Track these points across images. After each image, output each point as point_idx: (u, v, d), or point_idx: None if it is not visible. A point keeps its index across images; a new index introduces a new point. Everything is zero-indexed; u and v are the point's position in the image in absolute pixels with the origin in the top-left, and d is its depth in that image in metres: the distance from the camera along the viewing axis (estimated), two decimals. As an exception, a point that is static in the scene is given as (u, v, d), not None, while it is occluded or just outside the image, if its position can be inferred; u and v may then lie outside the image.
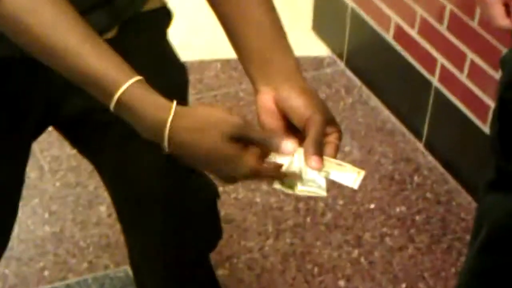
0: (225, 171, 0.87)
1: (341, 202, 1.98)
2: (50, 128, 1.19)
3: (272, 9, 0.97)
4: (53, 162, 2.05)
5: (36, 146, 1.95)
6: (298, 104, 0.91)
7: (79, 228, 1.88)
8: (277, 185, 0.90)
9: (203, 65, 2.40)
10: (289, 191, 0.90)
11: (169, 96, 0.87)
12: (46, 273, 1.78)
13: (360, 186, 2.17)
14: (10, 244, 1.25)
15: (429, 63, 2.05)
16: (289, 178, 0.90)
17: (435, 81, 2.04)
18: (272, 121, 0.92)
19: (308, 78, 2.36)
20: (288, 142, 0.87)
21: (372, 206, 1.98)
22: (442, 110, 2.04)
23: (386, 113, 2.25)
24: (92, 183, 1.99)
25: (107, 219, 1.90)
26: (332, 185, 2.25)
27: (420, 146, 2.14)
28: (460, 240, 1.89)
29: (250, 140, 0.86)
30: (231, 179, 0.89)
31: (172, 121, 0.85)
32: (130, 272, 1.56)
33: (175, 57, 1.17)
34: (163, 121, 0.85)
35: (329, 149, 0.92)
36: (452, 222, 1.94)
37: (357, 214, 1.95)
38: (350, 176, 0.92)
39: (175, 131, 0.85)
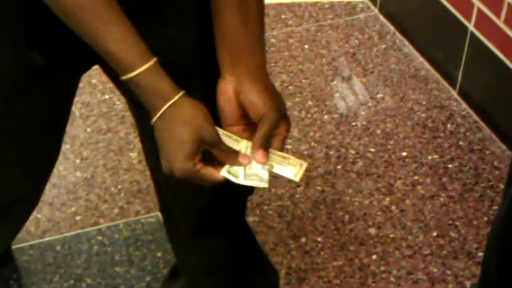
0: (171, 161, 0.99)
1: (372, 149, 1.97)
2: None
3: (258, 2, 1.03)
4: (84, 108, 2.05)
5: (67, 92, 1.95)
6: (257, 100, 1.01)
7: (110, 174, 1.89)
8: (223, 172, 1.01)
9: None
10: (234, 180, 1.01)
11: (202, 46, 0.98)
12: (78, 218, 1.80)
13: (393, 134, 2.15)
14: (41, 189, 1.27)
15: (465, 7, 2.00)
16: (236, 166, 1.01)
17: (471, 26, 2.00)
18: (229, 108, 1.03)
19: (340, 24, 2.33)
20: (243, 156, 1.01)
21: (404, 153, 1.96)
22: (478, 56, 2.00)
23: (419, 59, 2.21)
24: (123, 129, 2.00)
25: (138, 165, 1.91)
26: (363, 132, 2.23)
27: (454, 93, 2.11)
28: (493, 189, 1.87)
29: (212, 150, 1.00)
30: (169, 171, 1.01)
31: (165, 110, 0.98)
32: (161, 218, 1.57)
33: None
34: (159, 107, 0.98)
35: (276, 140, 1.03)
36: (485, 170, 1.92)
37: (389, 162, 1.94)
38: (292, 170, 1.02)
39: (163, 116, 0.98)
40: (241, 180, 1.01)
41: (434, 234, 1.78)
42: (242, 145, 1.03)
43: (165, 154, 1.00)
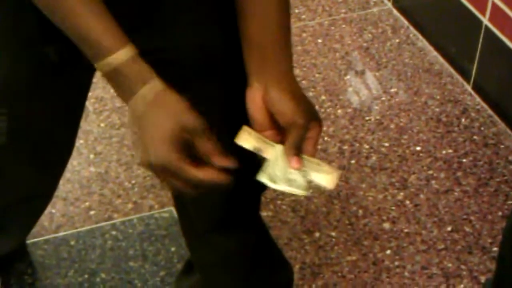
0: (150, 152, 0.95)
1: (386, 144, 1.96)
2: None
3: (284, 9, 1.04)
4: (97, 103, 2.06)
5: (80, 87, 1.96)
6: (285, 108, 1.02)
7: (124, 169, 1.90)
8: (261, 177, 1.02)
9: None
10: (272, 185, 1.02)
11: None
12: (91, 213, 1.80)
13: (406, 128, 2.14)
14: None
15: (480, 1, 1.99)
16: (273, 170, 1.02)
17: (485, 20, 1.99)
18: (260, 116, 1.03)
19: (354, 18, 2.32)
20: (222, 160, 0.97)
21: (418, 148, 1.95)
22: (492, 51, 1.99)
23: (433, 53, 2.20)
24: (137, 124, 2.00)
25: (152, 160, 1.91)
26: (377, 127, 2.22)
27: (468, 87, 2.10)
28: (508, 183, 1.86)
29: (193, 142, 0.95)
30: (146, 162, 0.96)
31: (141, 93, 0.96)
32: (175, 213, 1.57)
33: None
34: (133, 92, 0.98)
35: (308, 145, 1.04)
36: (500, 165, 1.91)
37: (403, 156, 1.93)
38: (326, 177, 1.04)
39: (139, 98, 0.97)
40: (280, 186, 1.02)
41: (449, 229, 1.78)
42: (278, 149, 1.04)
43: (143, 141, 0.97)
